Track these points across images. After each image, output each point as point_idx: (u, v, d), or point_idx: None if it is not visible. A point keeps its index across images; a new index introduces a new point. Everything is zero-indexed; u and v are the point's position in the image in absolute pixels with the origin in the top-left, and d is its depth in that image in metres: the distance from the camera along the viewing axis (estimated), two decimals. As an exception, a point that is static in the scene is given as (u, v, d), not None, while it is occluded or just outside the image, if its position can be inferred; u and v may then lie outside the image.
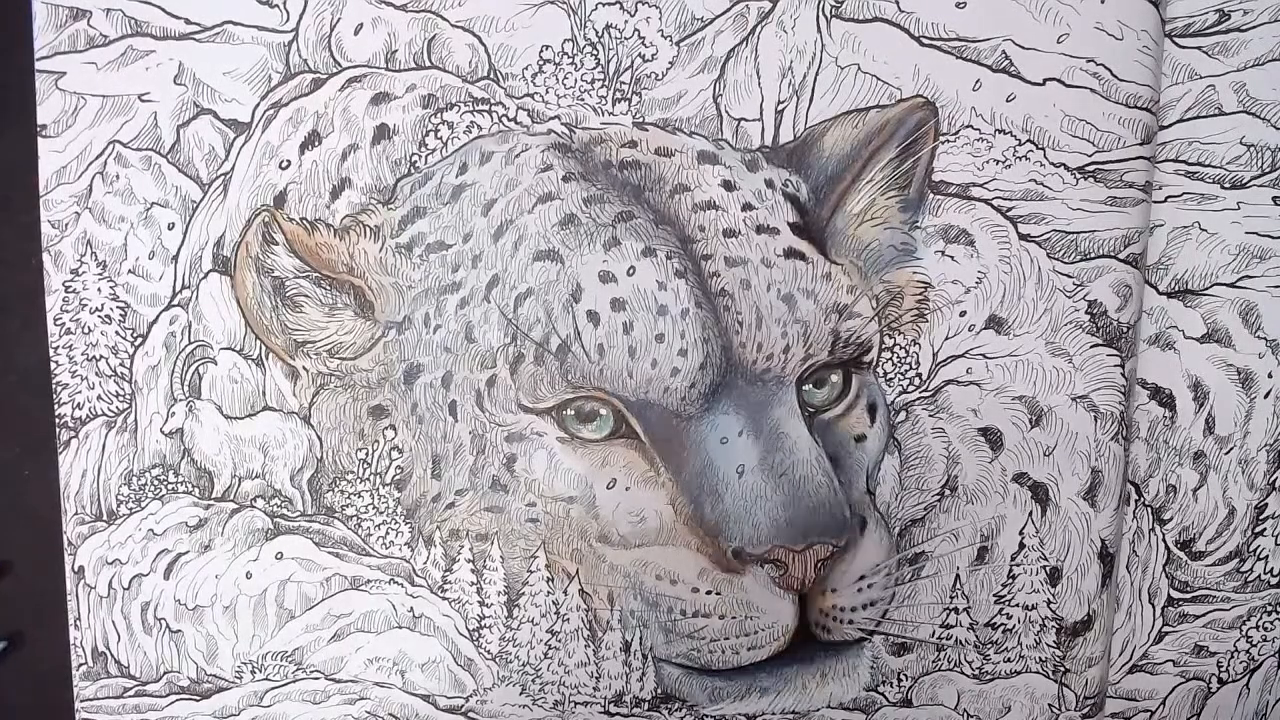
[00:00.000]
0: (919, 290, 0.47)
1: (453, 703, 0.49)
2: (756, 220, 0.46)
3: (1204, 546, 0.51)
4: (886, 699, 0.50)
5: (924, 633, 0.49)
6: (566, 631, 0.48)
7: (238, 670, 0.49)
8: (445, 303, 0.46)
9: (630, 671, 0.49)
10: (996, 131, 0.46)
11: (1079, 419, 0.48)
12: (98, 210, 0.47)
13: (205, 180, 0.47)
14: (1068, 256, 0.47)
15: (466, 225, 0.46)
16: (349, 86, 0.46)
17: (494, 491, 0.47)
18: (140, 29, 0.46)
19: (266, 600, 0.48)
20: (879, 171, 0.47)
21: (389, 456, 0.48)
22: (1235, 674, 0.52)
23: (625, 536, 0.47)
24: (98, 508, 0.48)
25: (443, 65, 0.46)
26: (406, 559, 0.48)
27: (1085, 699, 0.50)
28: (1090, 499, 0.49)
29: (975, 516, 0.49)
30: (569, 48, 0.46)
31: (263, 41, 0.46)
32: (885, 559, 0.48)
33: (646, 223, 0.46)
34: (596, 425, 0.47)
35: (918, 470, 0.48)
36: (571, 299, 0.46)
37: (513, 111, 0.46)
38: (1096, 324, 0.48)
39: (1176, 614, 0.51)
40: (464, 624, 0.49)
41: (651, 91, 0.46)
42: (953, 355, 0.48)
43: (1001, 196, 0.47)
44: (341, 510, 0.48)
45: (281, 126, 0.46)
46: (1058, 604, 0.49)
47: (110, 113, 0.46)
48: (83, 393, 0.48)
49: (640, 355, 0.46)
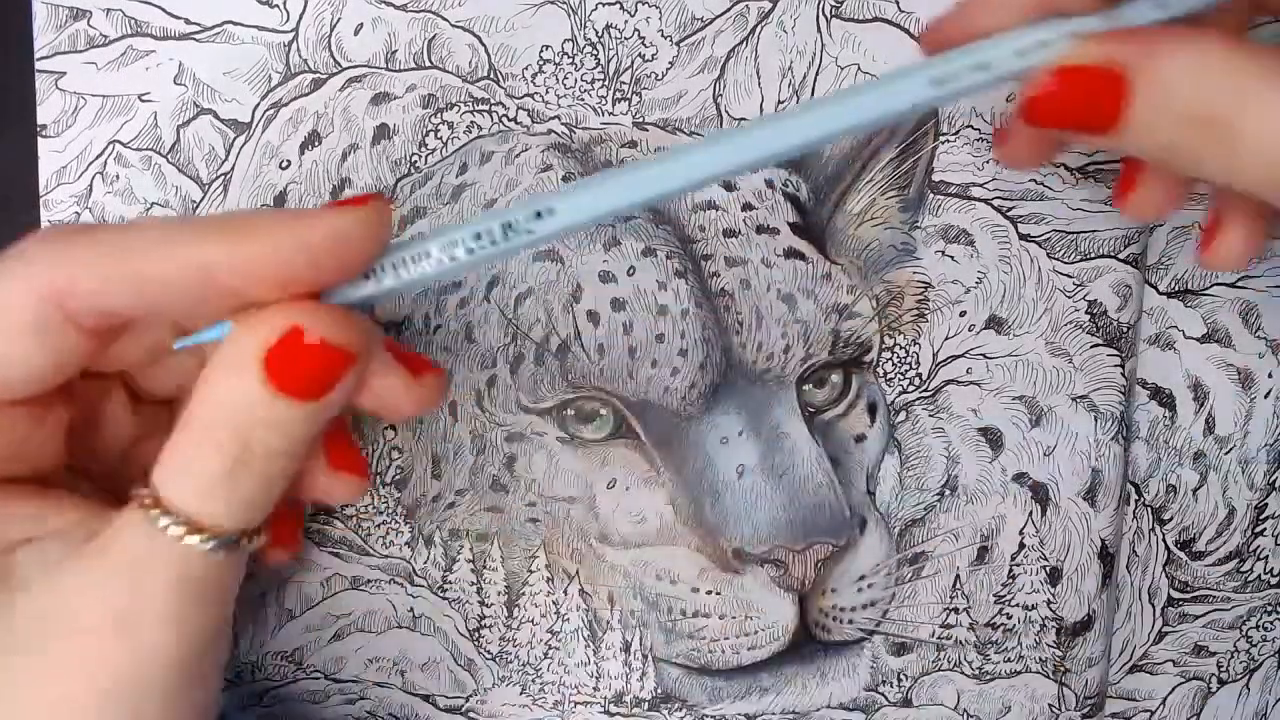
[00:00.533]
0: (919, 290, 0.48)
1: (453, 702, 0.49)
2: (756, 220, 0.47)
3: (1204, 546, 0.51)
4: (886, 699, 0.50)
5: (924, 633, 0.49)
6: (566, 631, 0.49)
7: (238, 671, 0.49)
8: (445, 303, 0.47)
9: (630, 671, 0.49)
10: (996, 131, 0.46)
11: (1079, 419, 0.48)
12: (98, 210, 0.47)
13: (205, 180, 0.47)
14: (1068, 256, 0.48)
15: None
16: (349, 86, 0.46)
17: (494, 491, 0.48)
18: (140, 29, 0.46)
19: (266, 600, 0.49)
20: (879, 171, 0.47)
21: (389, 456, 0.48)
22: (1235, 674, 0.52)
23: (625, 536, 0.48)
24: None
25: (443, 65, 0.46)
26: (406, 559, 0.48)
27: (1085, 699, 0.50)
28: (1090, 499, 0.49)
29: (975, 516, 0.49)
30: (569, 48, 0.46)
31: (263, 41, 0.46)
32: (885, 559, 0.48)
33: (646, 223, 0.46)
34: (596, 425, 0.47)
35: (918, 470, 0.49)
36: (571, 299, 0.46)
37: (513, 111, 0.46)
38: (1096, 324, 0.48)
39: (1176, 614, 0.52)
40: (464, 624, 0.49)
41: (651, 91, 0.46)
42: (953, 355, 0.48)
43: (1001, 196, 0.47)
44: (341, 510, 0.48)
45: (282, 126, 0.47)
46: (1058, 604, 0.49)
47: (110, 113, 0.47)
48: None
49: (640, 355, 0.46)
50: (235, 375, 0.32)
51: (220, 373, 0.32)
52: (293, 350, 0.31)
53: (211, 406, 0.32)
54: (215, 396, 0.32)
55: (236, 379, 0.32)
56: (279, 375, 0.31)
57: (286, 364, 0.31)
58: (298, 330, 0.31)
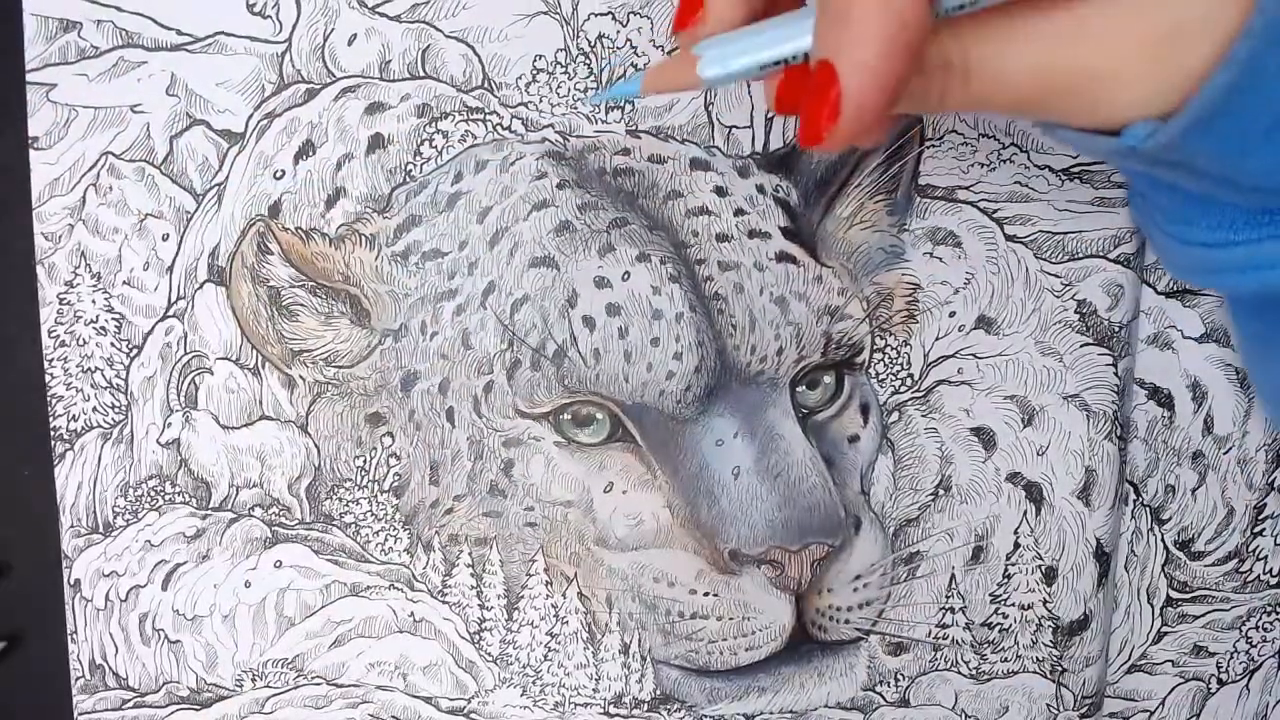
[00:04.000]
0: (908, 291, 0.51)
1: (454, 704, 0.53)
2: (749, 225, 0.50)
3: (1203, 547, 0.55)
4: (884, 699, 0.53)
5: (920, 632, 0.53)
6: (565, 634, 0.52)
7: (238, 679, 0.52)
8: (441, 310, 0.50)
9: (629, 673, 0.52)
10: (980, 136, 0.50)
11: (1071, 418, 0.52)
12: (91, 222, 0.50)
13: (199, 191, 0.50)
14: (1055, 257, 0.51)
15: (462, 233, 0.50)
16: (343, 96, 0.49)
17: (492, 496, 0.51)
18: (132, 40, 0.49)
19: (266, 608, 0.52)
20: (866, 176, 0.50)
21: (387, 463, 0.51)
22: (1235, 675, 0.56)
23: (623, 539, 0.51)
24: (94, 520, 0.51)
25: (437, 75, 0.49)
26: (406, 564, 0.52)
27: (1083, 699, 0.54)
28: (1085, 498, 0.52)
29: (969, 516, 0.52)
30: (562, 57, 0.49)
31: (255, 52, 0.49)
32: (880, 559, 0.52)
33: (640, 228, 0.50)
34: (593, 429, 0.50)
35: (911, 470, 0.52)
36: (567, 304, 0.50)
37: (507, 120, 0.50)
38: (1086, 324, 0.52)
39: (1175, 614, 0.55)
40: (465, 627, 0.52)
41: (644, 100, 0.50)
42: (944, 355, 0.52)
43: (987, 199, 0.51)
44: (340, 517, 0.52)
45: (275, 137, 0.50)
46: (1054, 604, 0.53)
47: (102, 124, 0.49)
48: (78, 405, 0.51)
49: (635, 359, 0.49)
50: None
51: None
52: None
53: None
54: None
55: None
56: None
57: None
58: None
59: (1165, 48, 0.33)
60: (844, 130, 0.33)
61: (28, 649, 0.54)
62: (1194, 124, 0.33)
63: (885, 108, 0.33)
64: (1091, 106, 0.35)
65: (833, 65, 0.32)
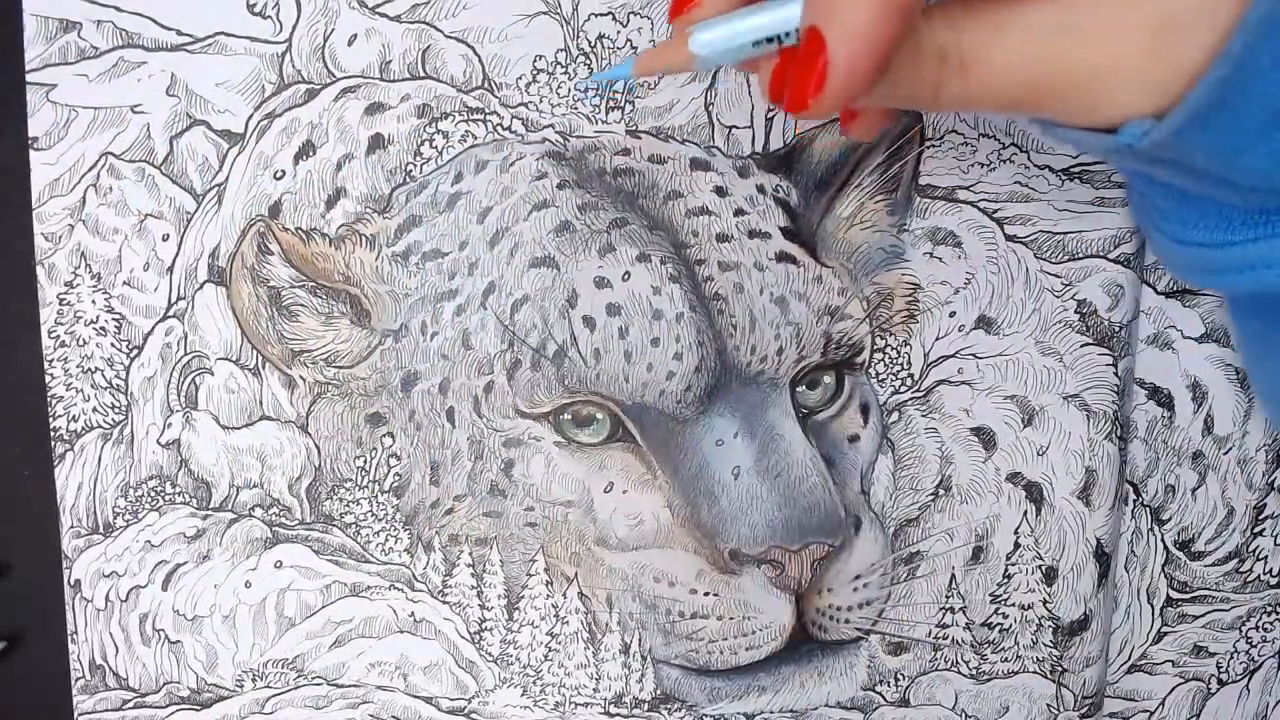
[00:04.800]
0: (908, 291, 0.52)
1: (455, 704, 0.54)
2: (749, 225, 0.51)
3: (1203, 547, 0.55)
4: (884, 699, 0.54)
5: (920, 632, 0.54)
6: (566, 634, 0.53)
7: (239, 679, 0.53)
8: (442, 310, 0.51)
9: (629, 673, 0.53)
10: (980, 135, 0.51)
11: (1071, 418, 0.53)
12: (91, 222, 0.50)
13: (199, 191, 0.50)
14: (1055, 257, 0.52)
15: (462, 233, 0.50)
16: (343, 97, 0.50)
17: (492, 497, 0.52)
18: (132, 40, 0.49)
19: (266, 608, 0.53)
20: (866, 176, 0.51)
21: (387, 464, 0.52)
22: (1235, 675, 0.57)
23: (623, 539, 0.52)
24: (94, 520, 0.52)
25: (437, 75, 0.50)
26: (406, 565, 0.52)
27: (1083, 699, 0.54)
28: (1085, 498, 0.53)
29: (970, 516, 0.53)
30: (562, 58, 0.50)
31: (255, 53, 0.50)
32: (881, 558, 0.53)
33: (641, 229, 0.50)
34: (593, 429, 0.51)
35: (912, 470, 0.53)
36: (567, 305, 0.50)
37: (507, 120, 0.50)
38: (1086, 323, 0.52)
39: (1175, 614, 0.56)
40: (465, 627, 0.53)
41: (644, 100, 0.50)
42: (944, 355, 0.52)
43: (987, 199, 0.51)
44: (340, 518, 0.52)
45: (275, 137, 0.50)
46: (1054, 604, 0.54)
47: (102, 125, 0.50)
48: (78, 405, 0.51)
49: (636, 359, 0.50)
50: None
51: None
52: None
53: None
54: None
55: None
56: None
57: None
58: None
59: (1160, 40, 0.34)
60: (830, 97, 0.33)
61: (28, 649, 0.54)
62: (1190, 120, 0.34)
63: (872, 74, 0.33)
64: (1089, 104, 0.35)
65: (820, 31, 0.33)
